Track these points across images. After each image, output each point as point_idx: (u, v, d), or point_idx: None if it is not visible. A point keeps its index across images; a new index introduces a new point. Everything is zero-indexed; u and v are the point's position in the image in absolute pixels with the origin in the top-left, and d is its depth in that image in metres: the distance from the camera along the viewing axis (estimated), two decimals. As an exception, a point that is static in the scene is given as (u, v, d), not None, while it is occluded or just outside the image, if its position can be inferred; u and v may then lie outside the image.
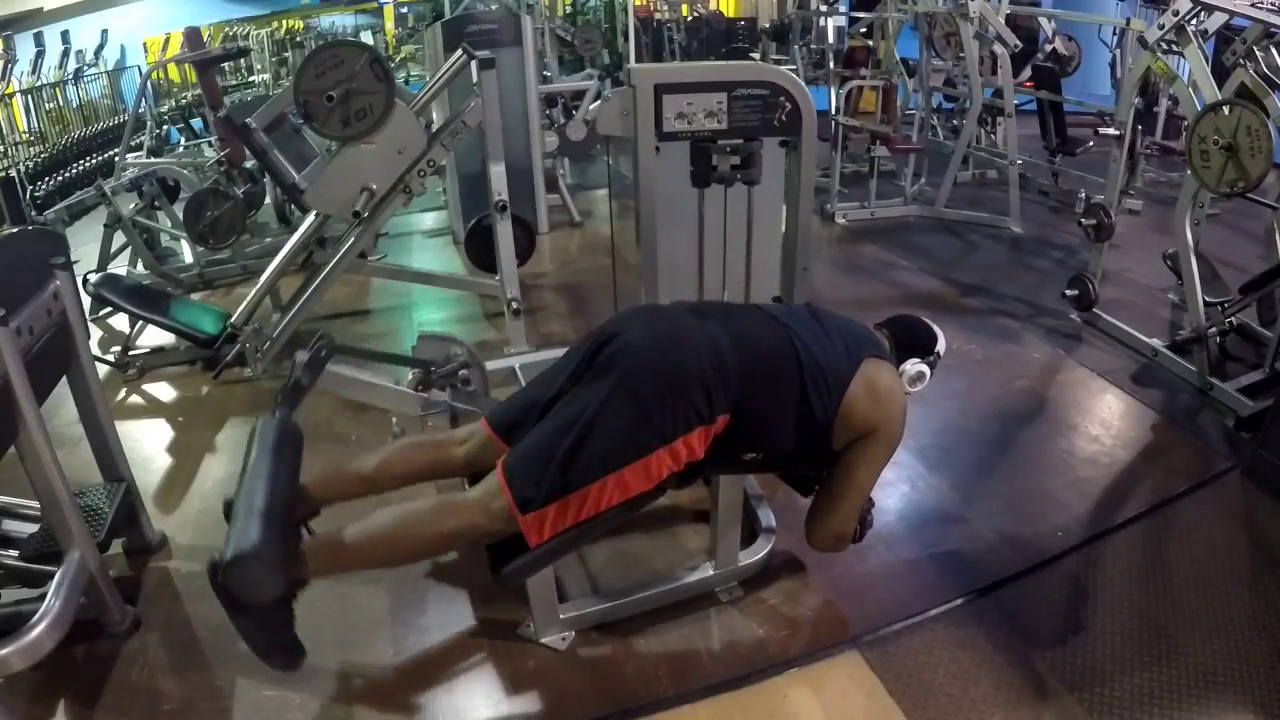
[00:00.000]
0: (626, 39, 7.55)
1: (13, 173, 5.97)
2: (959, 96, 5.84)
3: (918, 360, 1.76)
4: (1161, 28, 2.98)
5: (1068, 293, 3.51)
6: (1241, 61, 2.94)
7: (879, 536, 2.07)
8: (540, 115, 4.71)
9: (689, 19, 8.81)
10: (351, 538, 1.52)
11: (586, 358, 1.59)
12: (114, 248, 4.13)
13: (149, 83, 5.52)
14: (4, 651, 1.49)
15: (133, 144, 5.25)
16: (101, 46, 9.17)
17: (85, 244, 4.14)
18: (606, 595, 1.92)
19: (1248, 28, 2.97)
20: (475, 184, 4.11)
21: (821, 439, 1.63)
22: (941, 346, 1.83)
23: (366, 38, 11.25)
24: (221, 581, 1.40)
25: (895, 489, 2.38)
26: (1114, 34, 6.22)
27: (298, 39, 9.72)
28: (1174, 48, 3.02)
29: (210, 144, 5.39)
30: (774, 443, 1.62)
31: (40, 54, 8.29)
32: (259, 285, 3.23)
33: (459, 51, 2.91)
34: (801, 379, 1.58)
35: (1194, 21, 2.86)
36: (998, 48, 4.80)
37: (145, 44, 9.88)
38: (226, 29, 9.81)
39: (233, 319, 3.19)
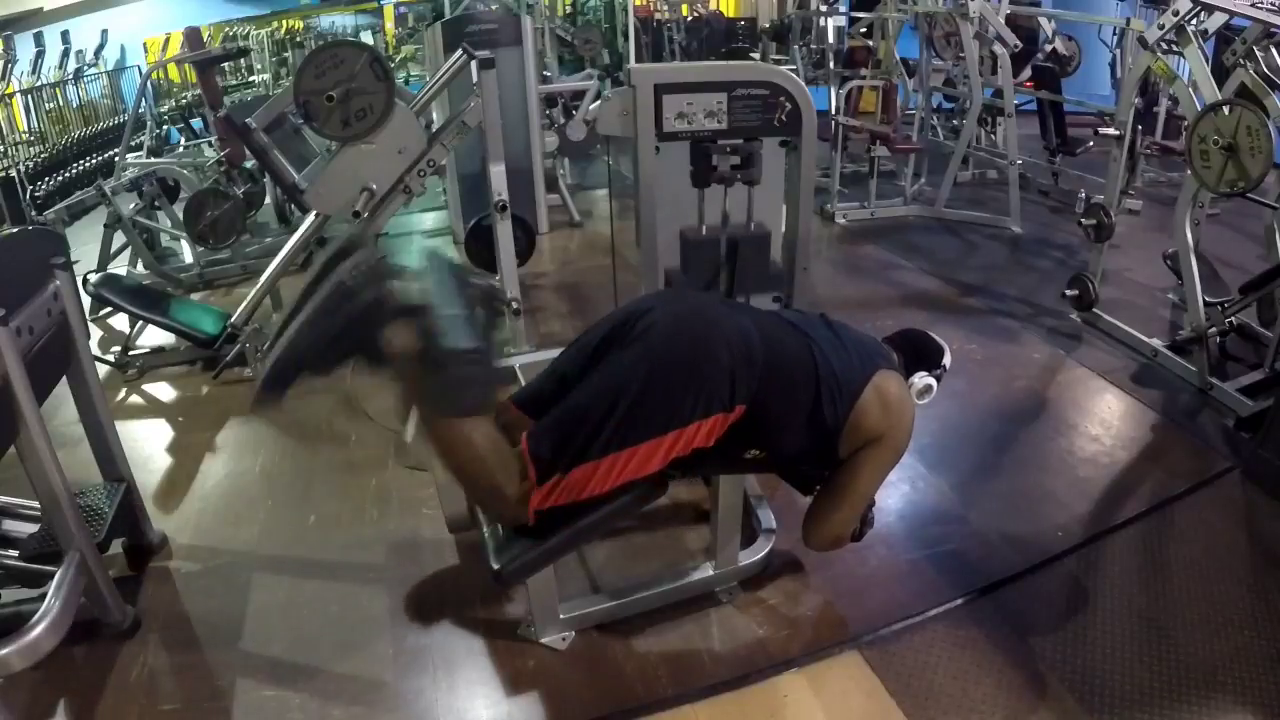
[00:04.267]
0: (626, 39, 7.54)
1: (13, 173, 5.95)
2: (959, 96, 5.83)
3: (925, 374, 1.79)
4: (1161, 28, 2.97)
5: (1068, 293, 3.51)
6: (1241, 61, 2.94)
7: (879, 536, 2.07)
8: (540, 115, 4.71)
9: (689, 19, 8.80)
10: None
11: (618, 329, 1.60)
12: (114, 248, 4.13)
13: (149, 83, 5.51)
14: (4, 651, 1.49)
15: (133, 144, 5.23)
16: (101, 46, 9.14)
17: (85, 244, 4.13)
18: (606, 595, 1.92)
19: (1248, 28, 2.97)
20: (475, 184, 4.10)
21: (828, 445, 1.65)
22: (948, 360, 1.86)
23: (366, 38, 11.22)
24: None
25: (895, 489, 2.38)
26: (1114, 34, 6.22)
27: (298, 39, 9.71)
28: (1174, 48, 3.02)
29: (210, 144, 5.38)
30: (780, 442, 1.64)
31: (40, 54, 8.27)
32: (259, 285, 3.24)
33: (459, 51, 2.91)
34: (817, 385, 1.61)
35: (1194, 21, 2.86)
36: (998, 48, 4.79)
37: (145, 44, 9.85)
38: (226, 29, 9.79)
39: (233, 319, 3.20)
